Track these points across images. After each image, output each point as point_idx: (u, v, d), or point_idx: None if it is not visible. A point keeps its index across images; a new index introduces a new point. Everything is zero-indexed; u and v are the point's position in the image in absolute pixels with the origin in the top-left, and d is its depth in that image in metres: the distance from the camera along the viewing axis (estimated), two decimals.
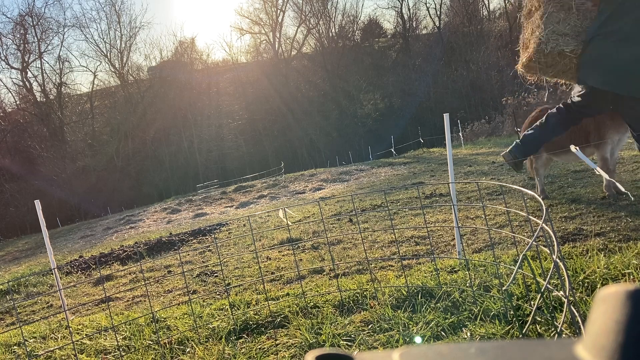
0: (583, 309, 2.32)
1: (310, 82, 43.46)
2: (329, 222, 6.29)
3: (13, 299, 5.63)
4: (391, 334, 2.53)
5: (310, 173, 14.95)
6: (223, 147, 40.64)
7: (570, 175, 6.26)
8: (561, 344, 0.33)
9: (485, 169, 8.64)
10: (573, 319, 2.03)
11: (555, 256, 1.98)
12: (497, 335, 2.30)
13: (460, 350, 0.34)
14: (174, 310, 3.61)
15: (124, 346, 3.03)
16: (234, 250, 5.85)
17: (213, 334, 2.98)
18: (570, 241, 3.57)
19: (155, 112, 40.18)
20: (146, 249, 6.93)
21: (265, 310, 3.15)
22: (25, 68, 40.09)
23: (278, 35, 44.29)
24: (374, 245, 4.74)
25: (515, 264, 2.84)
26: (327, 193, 10.24)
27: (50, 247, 4.11)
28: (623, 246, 3.18)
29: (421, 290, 2.97)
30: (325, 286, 3.53)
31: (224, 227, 7.93)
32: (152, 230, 10.81)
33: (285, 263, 4.71)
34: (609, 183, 4.51)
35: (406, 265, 3.77)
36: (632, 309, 0.29)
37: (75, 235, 14.29)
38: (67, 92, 41.77)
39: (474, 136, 23.95)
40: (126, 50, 42.78)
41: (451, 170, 3.71)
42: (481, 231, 4.33)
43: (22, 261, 11.08)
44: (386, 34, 48.51)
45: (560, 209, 4.58)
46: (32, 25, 39.81)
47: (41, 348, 3.36)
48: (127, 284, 5.31)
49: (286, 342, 2.68)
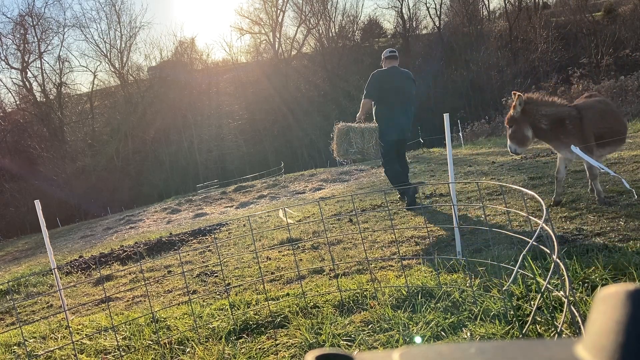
0: (583, 309, 2.32)
1: (310, 82, 43.44)
2: (329, 222, 6.29)
3: (13, 299, 5.63)
4: (391, 334, 2.53)
5: (310, 173, 14.95)
6: (223, 147, 40.63)
7: (570, 175, 6.26)
8: (561, 344, 0.33)
9: (485, 169, 8.64)
10: (573, 319, 2.03)
11: (555, 256, 1.98)
12: (497, 335, 2.30)
13: (460, 350, 0.34)
14: (174, 310, 3.61)
15: (124, 346, 3.03)
16: (234, 250, 5.85)
17: (213, 334, 2.98)
18: (570, 241, 3.57)
19: (155, 112, 40.18)
20: (146, 249, 6.93)
21: (265, 310, 3.15)
22: (25, 68, 40.10)
23: (278, 35, 44.32)
24: (374, 245, 4.74)
25: (515, 264, 2.83)
26: (327, 193, 10.23)
27: (50, 247, 4.11)
28: (623, 246, 3.18)
29: (421, 290, 2.97)
30: (325, 286, 3.53)
31: (224, 227, 7.92)
32: (152, 230, 10.81)
33: (285, 263, 4.71)
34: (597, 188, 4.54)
35: (406, 265, 3.77)
36: (632, 309, 0.29)
37: (75, 235, 14.29)
38: (67, 92, 41.79)
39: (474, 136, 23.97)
40: (126, 50, 42.82)
41: (451, 170, 3.71)
42: (481, 231, 4.33)
43: (22, 261, 11.08)
44: (386, 34, 48.52)
45: (560, 209, 4.58)
46: (32, 25, 39.85)
47: (41, 348, 3.36)
48: (127, 284, 5.31)
49: (286, 342, 2.68)
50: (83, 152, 38.27)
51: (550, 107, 4.36)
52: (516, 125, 4.40)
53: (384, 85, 6.00)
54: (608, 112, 4.58)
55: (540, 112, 4.33)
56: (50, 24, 40.74)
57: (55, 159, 36.17)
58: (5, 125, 38.56)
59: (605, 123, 4.44)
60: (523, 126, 4.37)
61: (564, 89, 22.46)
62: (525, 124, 4.36)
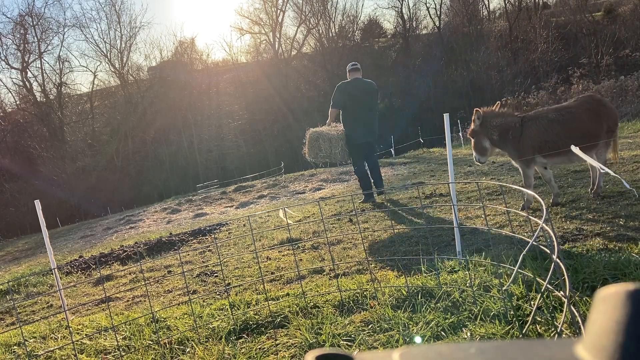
0: (583, 309, 2.32)
1: (310, 82, 43.43)
2: (329, 222, 6.29)
3: (13, 299, 5.63)
4: (391, 334, 2.53)
5: (310, 173, 14.94)
6: (223, 147, 40.62)
7: (570, 175, 6.26)
8: (561, 344, 0.33)
9: (485, 169, 8.63)
10: (573, 319, 2.03)
11: (555, 256, 1.98)
12: (497, 335, 2.30)
13: (460, 350, 0.34)
14: (174, 310, 3.61)
15: (124, 346, 3.03)
16: (234, 250, 5.85)
17: (213, 334, 2.98)
18: (570, 241, 3.57)
19: (155, 112, 40.17)
20: (146, 249, 6.93)
21: (265, 310, 3.15)
22: (25, 68, 40.08)
23: (278, 35, 44.30)
24: (374, 245, 4.74)
25: (515, 264, 2.83)
26: (327, 193, 10.23)
27: (50, 247, 4.11)
28: (623, 246, 3.18)
29: (421, 290, 2.97)
30: (325, 286, 3.53)
31: (224, 227, 7.92)
32: (152, 230, 10.81)
33: (285, 263, 4.71)
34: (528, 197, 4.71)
35: (406, 265, 3.77)
36: (632, 309, 0.29)
37: (75, 235, 14.29)
38: (67, 92, 41.75)
39: None
40: (126, 50, 42.78)
41: (451, 170, 3.71)
42: (481, 231, 4.33)
43: (22, 261, 11.07)
44: (386, 34, 48.49)
45: (560, 209, 4.59)
46: (32, 25, 39.80)
47: (41, 348, 3.36)
48: (127, 284, 5.31)
49: (286, 342, 2.68)
50: (83, 152, 38.25)
51: (499, 119, 4.74)
52: (476, 137, 4.87)
53: (348, 96, 6.67)
54: (558, 122, 4.57)
55: (491, 124, 4.73)
56: (50, 24, 40.74)
57: (55, 159, 36.16)
58: (5, 125, 38.55)
59: (549, 135, 4.56)
60: (481, 138, 4.82)
61: (564, 89, 22.46)
62: (482, 136, 4.82)
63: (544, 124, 4.58)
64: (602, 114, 4.60)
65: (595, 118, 4.57)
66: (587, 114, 4.57)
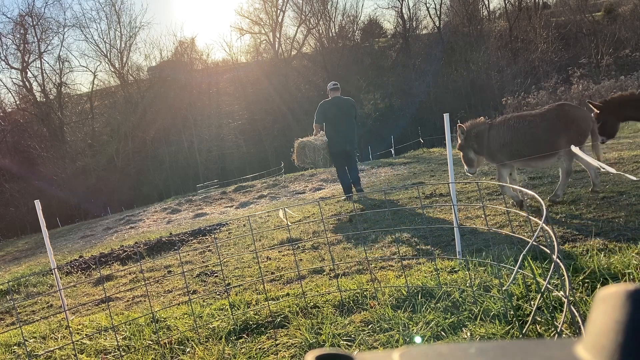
0: (583, 309, 2.32)
1: (310, 82, 43.41)
2: (329, 222, 6.29)
3: (13, 299, 5.63)
4: (391, 334, 2.53)
5: (310, 173, 14.93)
6: (223, 147, 40.60)
7: (570, 175, 6.25)
8: (561, 344, 0.33)
9: (485, 169, 8.63)
10: (573, 319, 2.03)
11: (555, 256, 1.98)
12: (497, 335, 2.30)
13: (460, 350, 0.34)
14: (174, 310, 3.61)
15: (124, 346, 3.03)
16: (234, 250, 5.85)
17: (213, 334, 2.98)
18: (570, 241, 3.57)
19: (155, 112, 40.13)
20: (146, 249, 6.93)
21: (265, 310, 3.15)
22: (25, 68, 40.05)
23: (278, 35, 44.28)
24: (374, 245, 4.74)
25: (515, 264, 2.83)
26: (327, 193, 10.23)
27: (50, 247, 4.11)
28: (623, 246, 3.18)
29: (421, 290, 2.97)
30: (325, 286, 3.53)
31: (224, 227, 7.92)
32: (152, 230, 10.81)
33: (285, 263, 4.71)
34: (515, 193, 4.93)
35: (406, 265, 3.77)
36: (632, 309, 0.29)
37: (75, 235, 14.29)
38: (67, 92, 41.70)
39: None
40: (126, 50, 42.73)
41: (451, 170, 3.71)
42: (481, 231, 4.33)
43: (22, 261, 11.07)
44: (386, 34, 48.48)
45: (560, 209, 4.59)
46: (32, 25, 39.73)
47: (41, 348, 3.36)
48: (127, 284, 5.31)
49: (286, 342, 2.68)
50: (83, 152, 38.22)
51: (476, 128, 4.96)
52: (463, 150, 5.12)
53: (328, 112, 7.75)
54: (515, 129, 4.72)
55: (471, 135, 4.97)
56: (50, 24, 40.67)
57: (55, 159, 36.14)
58: (5, 125, 38.54)
59: (505, 140, 4.75)
60: (467, 150, 5.09)
61: (564, 89, 22.46)
62: (467, 148, 5.08)
63: (503, 130, 4.80)
64: (567, 124, 4.62)
65: (556, 127, 4.60)
66: (546, 123, 4.62)
